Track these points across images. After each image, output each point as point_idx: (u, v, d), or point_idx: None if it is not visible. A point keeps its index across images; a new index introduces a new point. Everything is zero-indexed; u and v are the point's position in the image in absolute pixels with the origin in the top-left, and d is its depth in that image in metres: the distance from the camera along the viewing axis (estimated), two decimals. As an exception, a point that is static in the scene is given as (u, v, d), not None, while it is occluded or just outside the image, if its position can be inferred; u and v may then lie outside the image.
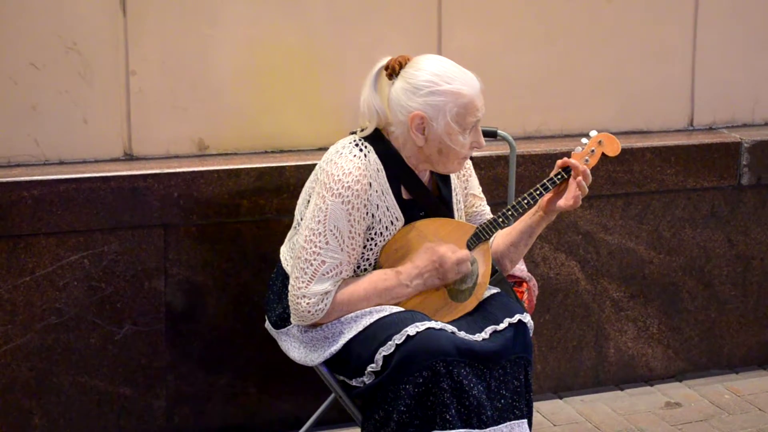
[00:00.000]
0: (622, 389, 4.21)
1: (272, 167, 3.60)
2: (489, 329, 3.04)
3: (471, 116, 3.02)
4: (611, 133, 3.25)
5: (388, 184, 3.05)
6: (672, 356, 4.29)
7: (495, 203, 3.48)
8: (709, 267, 4.28)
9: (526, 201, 3.10)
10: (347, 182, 2.98)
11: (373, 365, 2.97)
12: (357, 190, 2.99)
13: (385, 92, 3.07)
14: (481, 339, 3.01)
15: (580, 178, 3.09)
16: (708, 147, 4.16)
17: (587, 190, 3.10)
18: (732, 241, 4.29)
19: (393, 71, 3.05)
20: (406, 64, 3.05)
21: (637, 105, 4.22)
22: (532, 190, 3.10)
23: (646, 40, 4.18)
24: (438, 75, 3.00)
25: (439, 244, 3.07)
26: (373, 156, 3.05)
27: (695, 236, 4.23)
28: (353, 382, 3.05)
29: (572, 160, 3.11)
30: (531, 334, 3.11)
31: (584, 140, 3.17)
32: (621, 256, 4.14)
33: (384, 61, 3.08)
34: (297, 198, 3.23)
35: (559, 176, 3.11)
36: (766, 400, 4.14)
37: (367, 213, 3.02)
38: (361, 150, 3.05)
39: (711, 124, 4.36)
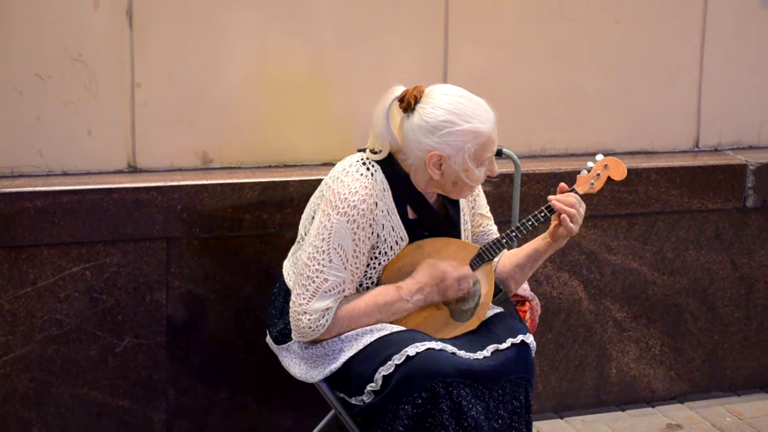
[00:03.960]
0: (623, 410, 4.19)
1: (276, 182, 3.59)
2: (491, 347, 3.03)
3: (488, 152, 3.02)
4: (616, 153, 3.24)
5: (394, 204, 3.05)
6: (674, 378, 4.28)
7: (499, 221, 3.47)
8: (712, 289, 4.27)
9: (530, 222, 3.10)
10: (353, 201, 2.97)
11: (372, 384, 2.96)
12: (363, 210, 2.98)
13: (397, 119, 3.04)
14: (482, 357, 3.00)
15: (558, 204, 3.07)
16: (713, 169, 4.15)
17: (573, 213, 3.06)
18: (736, 263, 4.28)
19: (408, 105, 3.01)
20: (420, 97, 3.01)
21: (643, 125, 4.21)
22: (536, 212, 3.10)
23: (653, 61, 4.17)
24: (456, 114, 2.97)
25: (441, 261, 3.06)
26: (380, 175, 3.04)
27: (699, 258, 4.22)
28: (353, 401, 3.04)
29: (555, 200, 3.08)
30: (533, 355, 3.10)
31: (590, 164, 3.17)
32: (624, 276, 4.13)
33: (397, 92, 3.04)
34: (300, 213, 3.23)
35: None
36: (767, 423, 4.12)
37: (372, 232, 3.02)
38: (368, 169, 3.04)
39: (717, 145, 4.35)
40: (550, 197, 3.10)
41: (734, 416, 4.19)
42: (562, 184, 3.13)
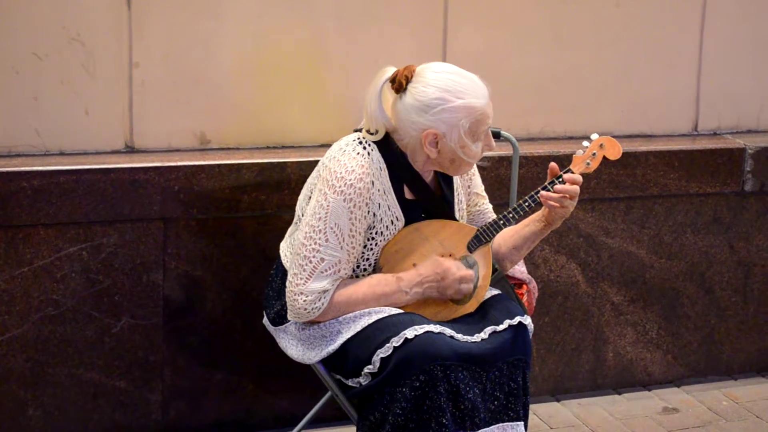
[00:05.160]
0: (619, 393, 4.20)
1: (273, 163, 3.58)
2: (488, 329, 3.03)
3: (483, 125, 3.01)
4: (615, 136, 3.23)
5: (390, 184, 3.04)
6: (671, 361, 4.28)
7: (497, 204, 3.46)
8: (710, 273, 4.26)
9: (527, 203, 3.09)
10: (350, 180, 2.97)
11: (370, 366, 2.96)
12: (359, 188, 2.97)
13: (389, 101, 3.03)
14: (479, 339, 2.99)
15: (558, 186, 3.06)
16: (712, 152, 4.14)
17: (572, 193, 3.05)
18: (734, 247, 4.27)
19: (400, 86, 3.00)
20: (411, 77, 3.00)
21: (642, 109, 4.20)
22: (533, 193, 3.09)
23: (653, 44, 4.16)
24: (448, 90, 2.96)
25: (447, 259, 3.05)
26: (376, 154, 3.03)
27: (697, 242, 4.21)
28: (350, 382, 3.04)
29: (544, 193, 3.07)
30: (531, 336, 3.10)
31: (585, 143, 3.16)
32: (622, 259, 4.12)
33: (388, 73, 3.02)
34: (298, 194, 3.21)
35: (561, 179, 3.09)
36: (764, 407, 4.13)
37: (368, 212, 3.01)
38: (364, 148, 3.03)
39: (715, 129, 4.34)
40: (542, 193, 3.07)
41: (731, 400, 4.19)
42: (553, 164, 3.11)
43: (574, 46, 4.06)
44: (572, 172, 3.10)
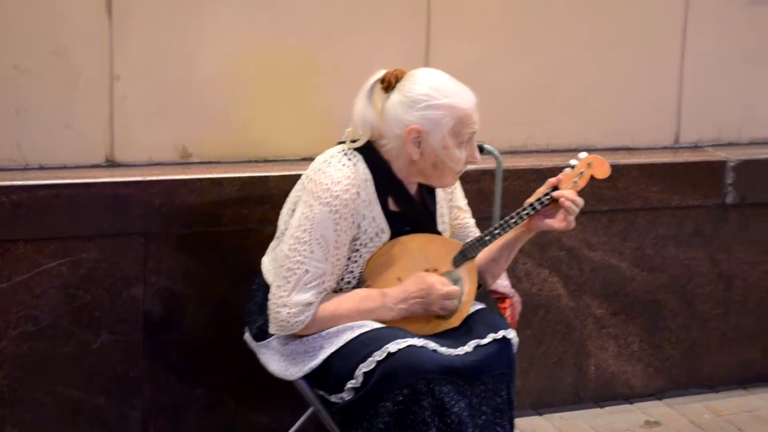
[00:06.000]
0: (601, 407, 4.19)
1: (256, 177, 3.56)
2: (472, 343, 3.02)
3: (467, 128, 3.00)
4: (597, 149, 3.24)
5: (375, 195, 3.03)
6: (652, 374, 4.28)
7: (480, 218, 3.45)
8: (691, 285, 4.27)
9: (513, 220, 3.09)
10: (336, 191, 2.95)
11: (353, 381, 2.94)
12: (345, 200, 2.96)
13: (379, 105, 3.04)
14: (463, 353, 2.98)
15: (566, 202, 3.08)
16: (693, 165, 4.15)
17: (577, 211, 3.09)
18: (715, 259, 4.28)
19: (389, 84, 3.02)
20: (402, 77, 3.03)
21: (624, 121, 4.20)
22: (520, 210, 3.09)
23: (635, 57, 4.16)
24: (435, 88, 2.98)
25: (432, 275, 3.04)
26: (362, 165, 3.02)
27: (678, 254, 4.22)
28: (333, 398, 3.02)
29: (558, 192, 3.09)
30: (515, 350, 3.09)
31: (573, 161, 3.15)
32: (604, 272, 4.12)
33: (379, 74, 3.05)
34: (280, 208, 3.20)
35: (548, 197, 3.10)
36: (745, 420, 4.14)
37: (353, 223, 2.99)
38: (349, 159, 3.02)
39: (697, 141, 4.35)
40: (557, 193, 3.09)
41: (712, 413, 4.19)
42: (551, 179, 3.12)
43: (557, 57, 4.06)
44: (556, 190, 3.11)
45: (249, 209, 3.55)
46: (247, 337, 3.23)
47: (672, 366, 4.30)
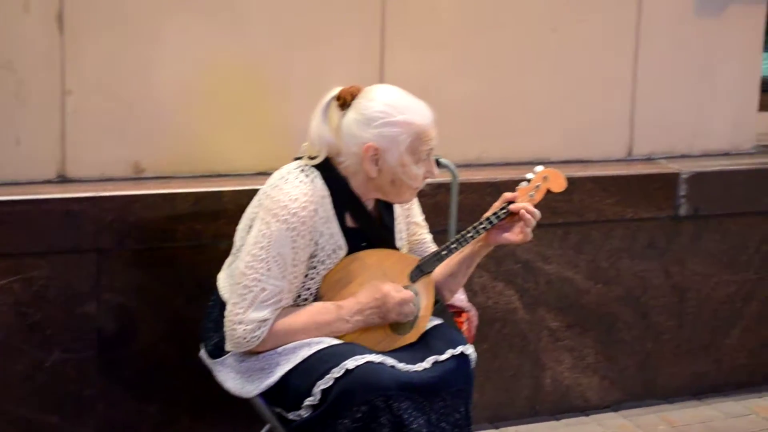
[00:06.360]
0: (558, 419, 4.20)
1: (210, 192, 3.52)
2: (431, 359, 3.00)
3: (424, 145, 2.99)
4: (552, 161, 3.25)
5: (333, 211, 3.01)
6: (607, 386, 4.29)
7: (436, 231, 3.44)
8: (645, 297, 4.29)
9: (470, 234, 3.08)
10: (293, 208, 2.93)
11: (311, 399, 2.91)
12: (303, 217, 2.93)
13: (335, 122, 3.02)
14: (421, 369, 2.97)
15: (525, 214, 3.08)
16: (647, 178, 4.18)
17: (534, 223, 3.10)
18: (669, 271, 4.31)
19: (345, 102, 3.00)
20: (357, 94, 3.01)
21: (578, 134, 4.22)
22: (476, 224, 3.08)
23: (588, 70, 4.19)
24: (391, 105, 2.97)
25: (384, 282, 3.02)
26: (319, 182, 3.00)
27: (633, 267, 4.24)
28: (290, 415, 2.99)
29: (515, 205, 3.10)
30: (473, 366, 3.08)
31: (530, 175, 3.15)
32: (559, 285, 4.13)
33: (335, 92, 3.03)
34: (235, 223, 3.16)
35: (504, 211, 3.10)
36: (699, 431, 4.15)
37: (311, 240, 2.97)
38: (307, 176, 3.00)
39: (650, 154, 4.38)
40: (515, 206, 3.10)
41: (667, 424, 4.22)
42: (506, 194, 3.12)
43: (511, 71, 4.07)
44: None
45: (203, 224, 3.52)
46: (203, 354, 3.19)
47: (627, 378, 4.32)
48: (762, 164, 4.39)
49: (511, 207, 3.10)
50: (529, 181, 3.15)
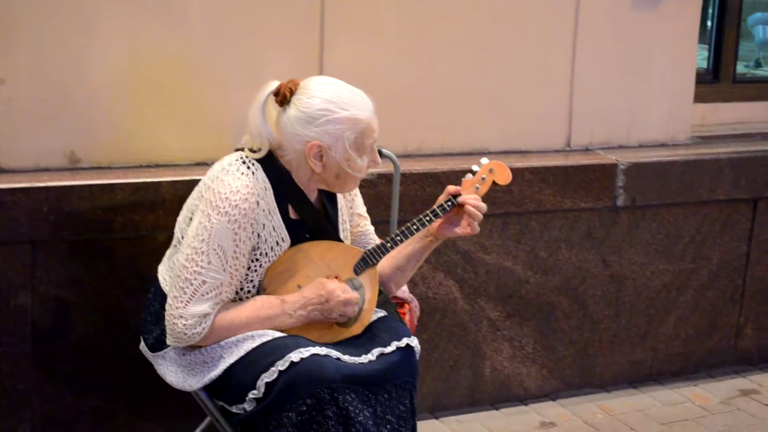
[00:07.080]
0: (497, 409, 4.21)
1: (148, 182, 3.47)
2: (376, 351, 2.99)
3: (368, 139, 2.97)
4: (491, 152, 3.23)
5: (275, 203, 2.97)
6: (546, 375, 4.31)
7: (377, 222, 3.43)
8: (583, 287, 4.31)
9: (415, 227, 3.07)
10: (234, 200, 2.89)
11: (255, 392, 2.88)
12: (244, 209, 2.89)
13: (274, 118, 2.98)
14: (366, 361, 2.95)
15: (469, 207, 3.07)
16: (585, 168, 4.19)
17: (481, 216, 3.09)
18: (606, 261, 4.33)
19: (284, 98, 2.95)
20: (296, 90, 2.96)
21: (517, 125, 4.22)
22: (421, 216, 3.07)
23: (527, 61, 4.19)
24: (333, 102, 2.93)
25: (332, 280, 3.00)
26: (261, 174, 2.96)
27: (571, 256, 4.26)
28: (233, 409, 2.96)
29: (463, 197, 3.09)
30: (417, 358, 3.07)
31: (475, 167, 3.14)
32: (498, 275, 4.14)
33: (272, 87, 2.98)
34: (173, 214, 3.12)
35: (449, 203, 3.09)
36: (637, 419, 4.20)
37: (253, 232, 2.93)
38: (248, 167, 2.95)
39: (588, 145, 4.40)
40: (462, 198, 3.09)
41: (605, 413, 4.25)
42: (449, 187, 3.11)
43: (450, 62, 4.05)
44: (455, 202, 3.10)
45: (141, 216, 3.46)
46: (143, 347, 3.14)
47: (565, 367, 4.35)
48: (697, 155, 4.43)
49: (459, 199, 3.09)
50: (474, 173, 3.14)
